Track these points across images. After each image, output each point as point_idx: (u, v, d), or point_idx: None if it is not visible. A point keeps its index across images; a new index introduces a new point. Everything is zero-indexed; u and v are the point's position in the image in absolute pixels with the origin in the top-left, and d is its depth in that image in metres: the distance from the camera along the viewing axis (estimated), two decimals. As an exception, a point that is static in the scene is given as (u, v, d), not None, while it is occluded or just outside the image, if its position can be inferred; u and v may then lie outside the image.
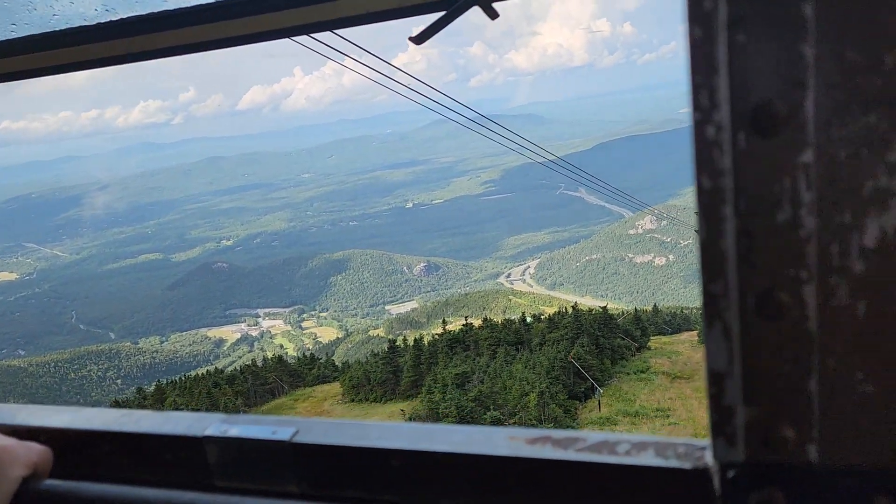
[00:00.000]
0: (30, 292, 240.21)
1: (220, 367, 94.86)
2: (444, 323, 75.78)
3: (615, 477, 0.74)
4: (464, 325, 68.62)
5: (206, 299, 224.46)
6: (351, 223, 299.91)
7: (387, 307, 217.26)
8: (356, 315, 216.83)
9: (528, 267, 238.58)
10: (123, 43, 1.23)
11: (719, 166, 0.59)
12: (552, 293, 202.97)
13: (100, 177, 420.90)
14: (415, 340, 65.92)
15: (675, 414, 47.15)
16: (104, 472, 1.01)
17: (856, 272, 0.58)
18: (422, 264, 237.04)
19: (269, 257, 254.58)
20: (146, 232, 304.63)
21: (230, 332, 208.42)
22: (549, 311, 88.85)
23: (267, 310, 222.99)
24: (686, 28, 0.58)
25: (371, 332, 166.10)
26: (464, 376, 53.92)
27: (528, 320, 71.66)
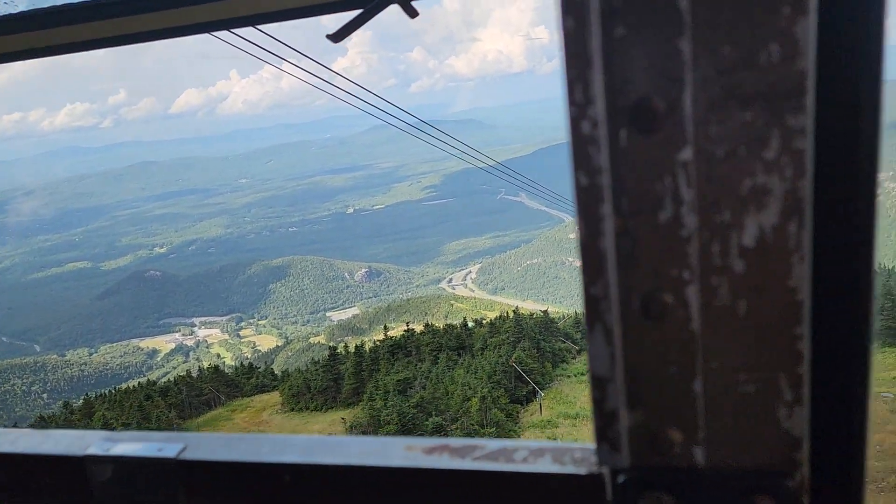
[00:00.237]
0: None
1: (152, 379, 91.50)
2: (386, 329, 75.38)
3: (513, 485, 0.73)
4: (405, 330, 68.39)
5: (139, 309, 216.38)
6: (290, 229, 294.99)
7: (328, 314, 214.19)
8: (296, 322, 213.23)
9: (470, 272, 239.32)
10: (45, 34, 1.16)
11: (596, 163, 0.58)
12: (494, 298, 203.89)
13: (25, 182, 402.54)
14: (356, 347, 65.25)
15: (615, 415, 47.92)
16: None
17: (736, 271, 0.58)
18: (363, 270, 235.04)
19: (205, 265, 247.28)
20: (73, 239, 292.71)
21: (164, 343, 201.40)
22: (490, 316, 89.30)
23: (203, 318, 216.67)
24: (559, 19, 0.56)
25: (312, 340, 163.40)
26: (405, 382, 53.67)
27: (470, 325, 71.91)
